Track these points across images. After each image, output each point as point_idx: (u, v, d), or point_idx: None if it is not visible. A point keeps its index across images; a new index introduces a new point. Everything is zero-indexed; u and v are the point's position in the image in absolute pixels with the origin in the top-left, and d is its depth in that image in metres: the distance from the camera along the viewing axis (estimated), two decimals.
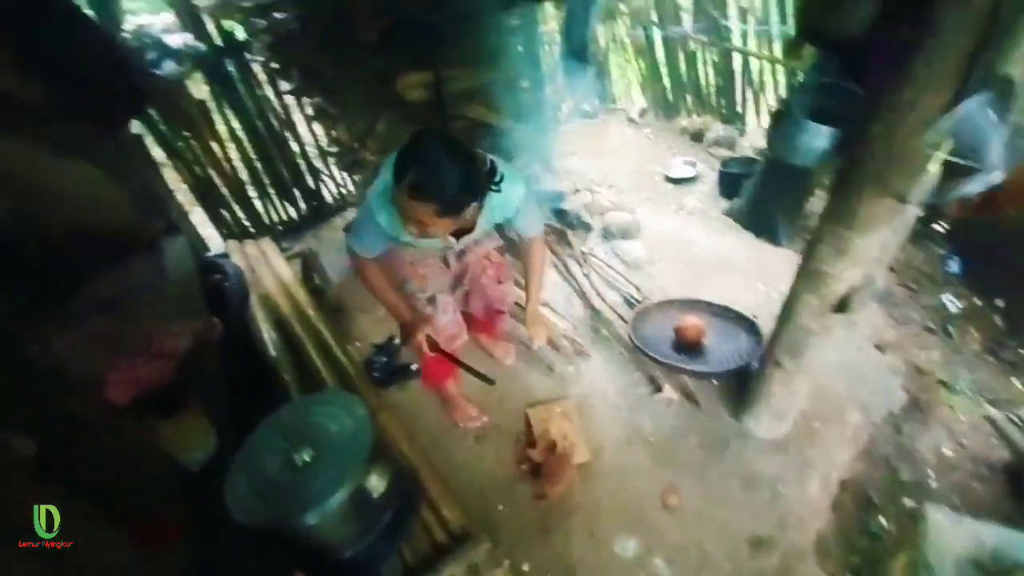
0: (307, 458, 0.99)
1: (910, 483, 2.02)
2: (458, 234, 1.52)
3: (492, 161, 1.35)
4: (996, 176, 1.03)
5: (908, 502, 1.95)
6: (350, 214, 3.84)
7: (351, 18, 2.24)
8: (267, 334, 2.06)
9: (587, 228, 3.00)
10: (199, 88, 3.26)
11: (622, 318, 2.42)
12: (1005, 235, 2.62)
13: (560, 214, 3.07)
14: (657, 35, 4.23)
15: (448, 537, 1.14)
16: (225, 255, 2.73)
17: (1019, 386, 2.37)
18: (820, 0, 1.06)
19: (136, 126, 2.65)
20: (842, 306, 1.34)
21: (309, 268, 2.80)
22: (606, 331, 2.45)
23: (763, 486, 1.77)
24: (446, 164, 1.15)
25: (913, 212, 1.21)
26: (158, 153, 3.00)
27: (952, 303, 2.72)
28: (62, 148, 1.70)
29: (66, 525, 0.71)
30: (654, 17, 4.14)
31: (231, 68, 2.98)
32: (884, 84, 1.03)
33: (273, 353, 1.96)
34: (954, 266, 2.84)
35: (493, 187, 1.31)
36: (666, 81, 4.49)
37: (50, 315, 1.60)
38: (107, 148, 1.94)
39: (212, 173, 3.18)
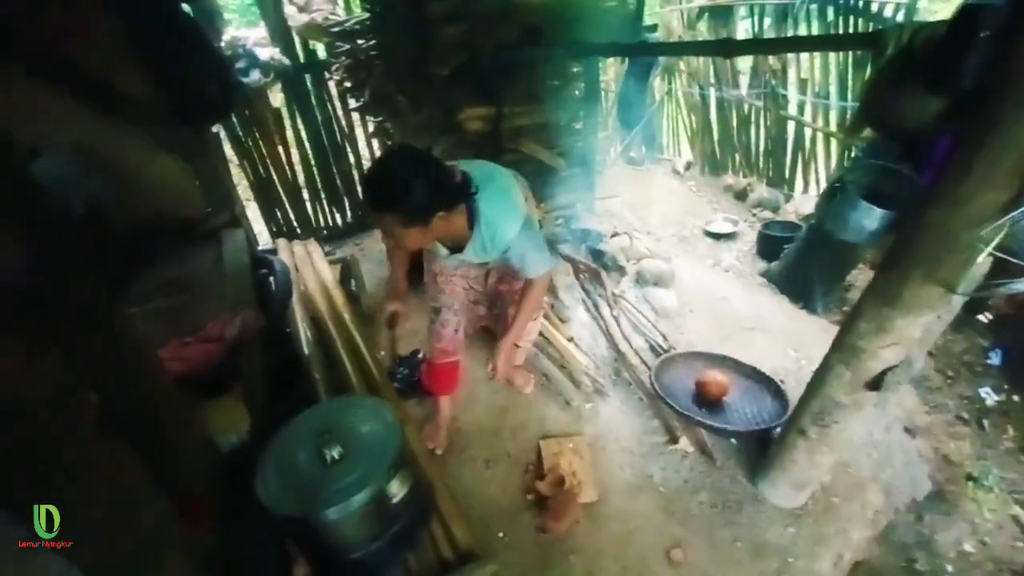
0: (336, 455, 1.05)
1: (926, 574, 1.93)
2: (452, 249, 1.61)
3: (464, 174, 1.40)
4: None
5: None
6: None
7: (428, 53, 2.42)
8: (303, 332, 2.15)
9: (621, 271, 3.04)
10: (276, 97, 3.53)
11: (645, 364, 2.42)
12: None
13: (596, 254, 3.13)
14: (712, 94, 4.34)
15: (454, 554, 1.17)
16: (274, 251, 2.89)
17: None
18: (886, 93, 1.11)
19: (213, 127, 2.88)
20: (876, 384, 1.33)
21: (348, 274, 2.93)
22: (628, 375, 2.45)
23: (772, 555, 1.72)
24: (400, 175, 1.22)
25: (959, 301, 1.22)
26: (228, 151, 3.23)
27: (989, 396, 2.63)
28: (160, 144, 1.89)
29: (122, 482, 0.77)
30: (712, 78, 4.26)
31: (308, 83, 3.22)
32: (943, 175, 1.06)
33: (307, 350, 2.05)
34: (996, 358, 2.74)
35: (468, 198, 1.39)
36: (715, 138, 4.57)
37: (125, 289, 1.74)
38: (193, 146, 2.13)
39: (273, 174, 3.40)
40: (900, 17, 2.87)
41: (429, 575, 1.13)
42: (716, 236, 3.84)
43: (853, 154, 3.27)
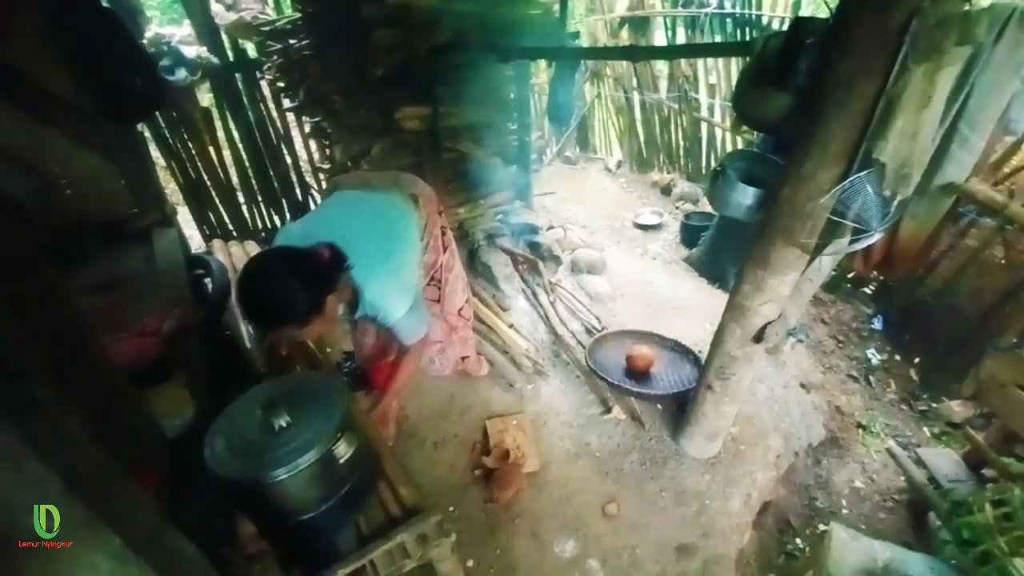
0: (284, 423, 1.12)
1: (825, 510, 2.24)
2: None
3: (331, 248, 1.34)
4: (876, 236, 1.31)
5: (822, 526, 2.16)
6: None
7: (364, 54, 2.49)
8: (244, 328, 2.16)
9: (557, 261, 3.24)
10: (204, 96, 3.44)
11: (581, 344, 2.62)
12: (920, 303, 2.99)
13: (533, 246, 3.31)
14: (636, 98, 4.68)
15: (401, 510, 1.27)
16: (209, 253, 2.84)
17: (927, 432, 2.66)
18: (748, 92, 1.35)
19: (138, 124, 2.79)
20: (759, 337, 1.57)
21: None
22: (565, 355, 2.64)
23: (692, 500, 1.94)
24: (276, 289, 1.23)
25: (827, 262, 1.47)
26: (155, 152, 3.13)
27: (874, 356, 3.05)
28: (84, 141, 1.85)
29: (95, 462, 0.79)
30: (634, 82, 4.60)
31: (239, 82, 3.18)
32: (791, 158, 1.31)
33: (248, 345, 2.06)
34: (878, 324, 3.18)
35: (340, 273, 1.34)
36: (641, 138, 4.92)
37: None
38: (118, 143, 2.09)
39: (204, 176, 3.32)
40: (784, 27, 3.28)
41: (379, 532, 1.22)
42: (644, 227, 4.15)
43: (753, 148, 3.67)
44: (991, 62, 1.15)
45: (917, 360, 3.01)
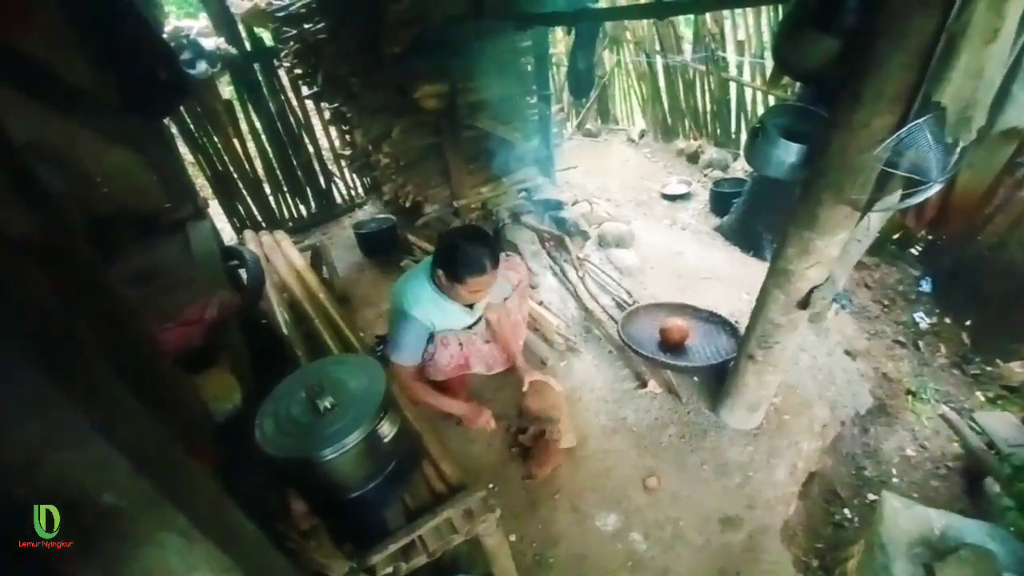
0: (328, 404, 1.13)
1: (874, 479, 2.17)
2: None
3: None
4: (935, 187, 1.21)
5: (871, 496, 2.10)
6: (358, 214, 4.02)
7: (379, 31, 2.45)
8: (280, 315, 2.20)
9: (584, 236, 3.18)
10: (225, 88, 3.48)
11: (613, 319, 2.57)
12: (972, 261, 2.82)
13: (559, 222, 3.25)
14: (659, 62, 4.49)
15: (446, 487, 1.28)
16: (241, 244, 2.89)
17: (981, 397, 2.53)
18: (789, 39, 1.25)
19: (165, 118, 2.84)
20: (805, 302, 1.50)
21: (319, 260, 2.96)
22: (597, 331, 2.60)
23: (735, 472, 1.91)
24: (473, 242, 1.58)
25: (875, 221, 1.39)
26: (182, 147, 3.18)
27: (923, 320, 2.91)
28: (113, 135, 1.89)
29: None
30: (657, 46, 4.40)
31: (258, 72, 3.19)
32: (838, 106, 1.22)
33: (285, 331, 2.11)
34: (926, 286, 3.02)
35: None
36: (665, 105, 4.74)
37: None
38: (147, 137, 2.12)
39: (231, 168, 3.37)
40: None
41: (425, 508, 1.24)
42: (672, 198, 4.03)
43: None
44: None
45: (968, 322, 2.86)
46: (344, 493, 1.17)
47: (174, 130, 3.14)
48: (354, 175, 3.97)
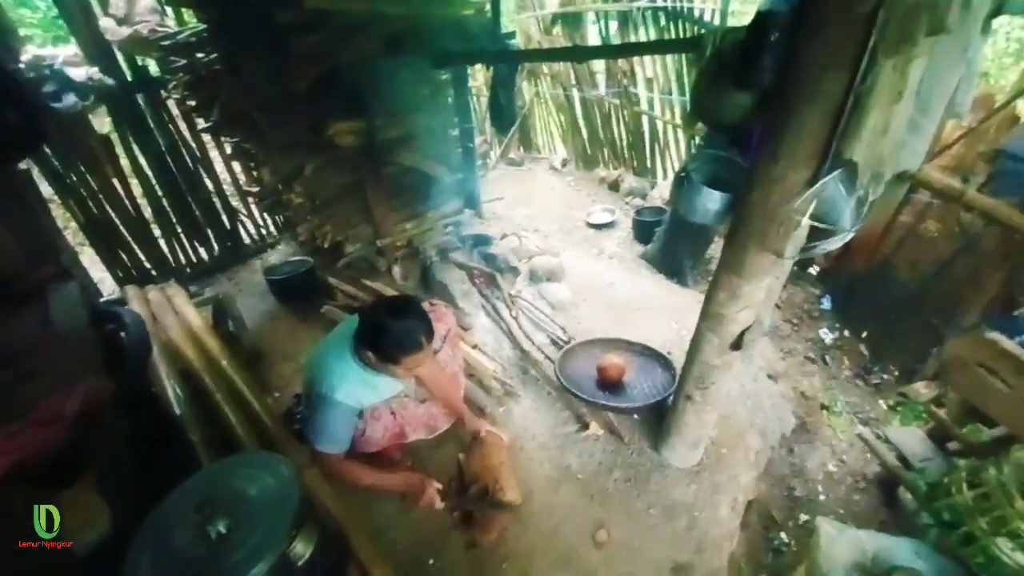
0: (222, 528, 0.92)
1: (803, 499, 2.26)
2: None
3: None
4: (848, 236, 1.27)
5: (803, 516, 2.18)
6: (271, 256, 3.68)
7: (283, 64, 2.25)
8: (171, 389, 1.88)
9: (515, 272, 3.12)
10: (102, 122, 3.05)
11: (549, 358, 2.51)
12: (863, 278, 3.13)
13: (489, 258, 3.17)
14: (576, 95, 4.63)
15: None
16: (122, 301, 2.49)
17: (883, 405, 2.77)
18: (706, 92, 1.27)
19: (24, 161, 2.41)
20: (738, 344, 1.52)
21: (223, 314, 2.63)
22: (534, 371, 2.52)
23: (681, 513, 1.88)
24: (402, 318, 1.43)
25: (789, 263, 1.44)
26: (46, 189, 2.72)
27: (827, 335, 3.15)
28: None
29: None
30: (573, 80, 4.55)
31: (141, 103, 2.83)
32: (758, 160, 1.24)
33: (178, 410, 1.80)
34: (827, 303, 3.30)
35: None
36: (584, 135, 4.89)
37: None
38: None
39: (110, 211, 2.94)
40: (716, 20, 3.32)
41: None
42: (597, 226, 4.12)
43: (697, 143, 3.71)
44: (940, 45, 1.12)
45: (865, 335, 3.14)
46: None
47: (36, 172, 2.68)
48: (264, 213, 3.64)
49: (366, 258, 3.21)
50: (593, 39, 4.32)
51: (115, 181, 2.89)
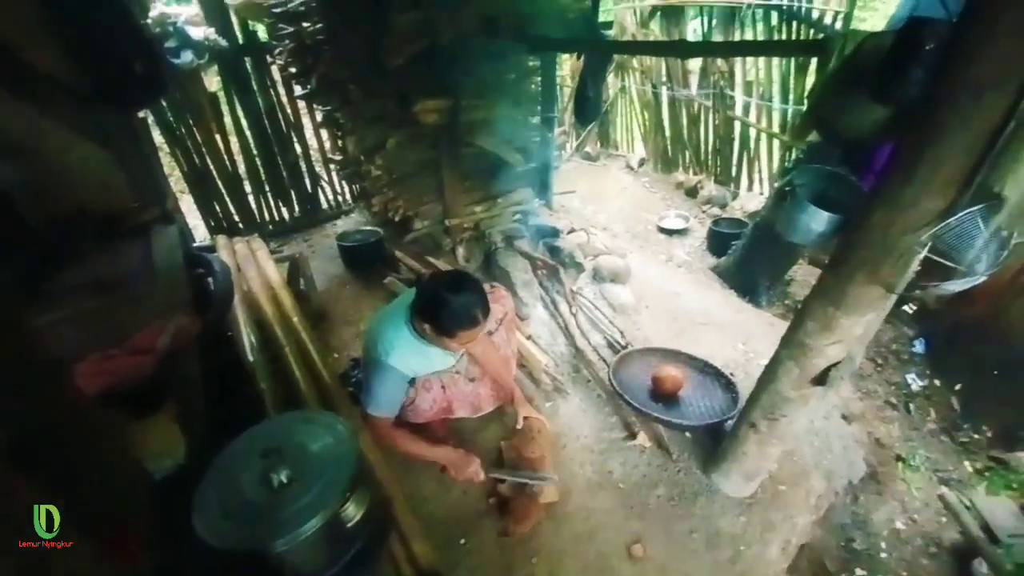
0: (284, 478, 0.97)
1: (863, 552, 2.07)
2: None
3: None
4: (978, 279, 1.11)
5: (859, 571, 2.00)
6: (343, 223, 3.83)
7: (382, 40, 2.30)
8: (247, 337, 2.01)
9: (579, 268, 3.06)
10: (212, 80, 3.27)
11: (604, 360, 2.45)
12: (967, 325, 2.79)
13: (554, 250, 3.13)
14: (664, 93, 4.43)
15: (415, 573, 1.12)
16: (212, 248, 2.68)
17: (969, 468, 2.47)
18: (835, 100, 1.15)
19: (139, 112, 2.64)
20: (821, 379, 1.40)
21: (297, 272, 2.77)
22: (587, 371, 2.47)
23: (726, 544, 1.78)
24: (460, 292, 1.43)
25: (893, 299, 1.29)
26: (157, 138, 2.97)
27: (915, 381, 2.85)
28: (81, 128, 1.69)
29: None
30: (663, 76, 4.35)
31: (248, 66, 3.00)
32: (886, 181, 1.11)
33: (251, 357, 1.92)
34: (919, 347, 2.98)
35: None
36: (667, 136, 4.68)
37: (40, 291, 1.55)
38: (119, 132, 1.93)
39: (211, 164, 3.16)
40: (839, 24, 3.03)
41: None
42: (669, 232, 3.95)
43: (794, 155, 3.44)
44: None
45: (959, 387, 2.81)
46: None
47: (151, 120, 2.94)
48: (343, 181, 3.78)
49: (432, 236, 3.26)
50: (691, 36, 4.10)
51: (217, 136, 3.10)
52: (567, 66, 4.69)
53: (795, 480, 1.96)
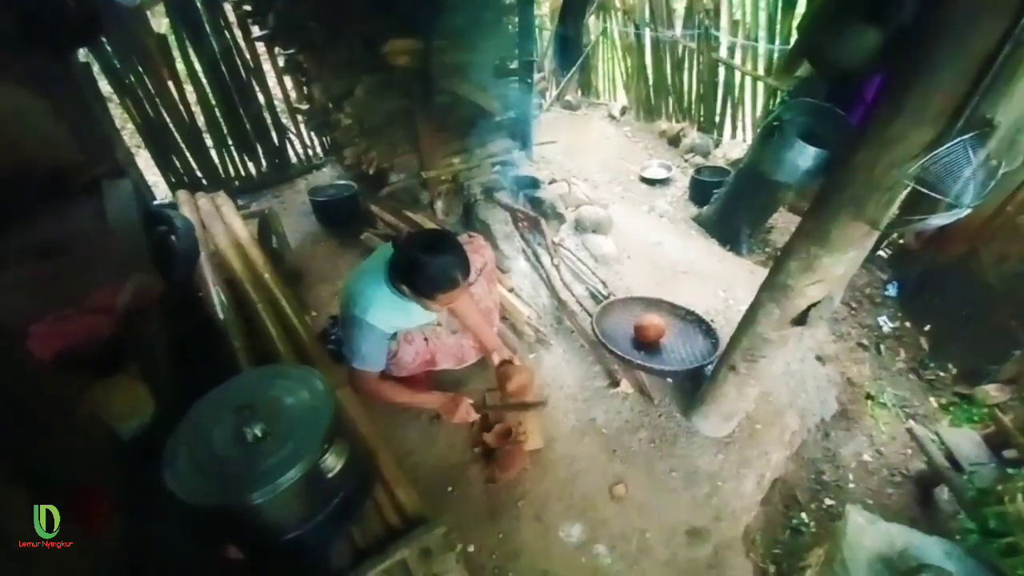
0: (259, 433, 0.94)
1: (832, 484, 2.18)
2: None
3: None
4: (963, 212, 1.10)
5: (828, 501, 2.11)
6: (316, 177, 3.67)
7: None
8: (216, 295, 1.93)
9: (560, 219, 3.00)
10: (160, 22, 3.00)
11: (586, 311, 2.44)
12: (939, 269, 2.85)
13: (535, 202, 3.05)
14: (647, 35, 4.24)
15: (402, 520, 1.12)
16: (174, 206, 2.54)
17: (935, 403, 2.60)
18: (825, 25, 1.08)
19: (84, 55, 2.41)
20: (801, 319, 1.40)
21: (267, 229, 2.66)
22: (569, 323, 2.47)
23: (704, 481, 1.85)
24: (439, 254, 1.38)
25: (874, 236, 1.28)
26: (105, 87, 2.74)
27: (886, 323, 2.94)
28: (12, 74, 1.52)
29: None
30: (647, 16, 4.14)
31: (199, 4, 2.74)
32: (873, 115, 1.07)
33: (222, 316, 1.85)
34: (892, 290, 3.05)
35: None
36: (650, 82, 4.52)
37: None
38: (52, 77, 1.75)
39: (165, 115, 2.94)
40: None
41: (377, 544, 1.08)
42: (651, 182, 3.89)
43: (779, 98, 3.35)
44: None
45: (928, 328, 2.91)
46: (276, 536, 0.99)
47: (96, 69, 2.69)
48: (312, 133, 3.59)
49: (409, 189, 3.14)
50: None
51: (170, 84, 2.87)
52: (546, 5, 4.43)
53: (771, 419, 2.03)
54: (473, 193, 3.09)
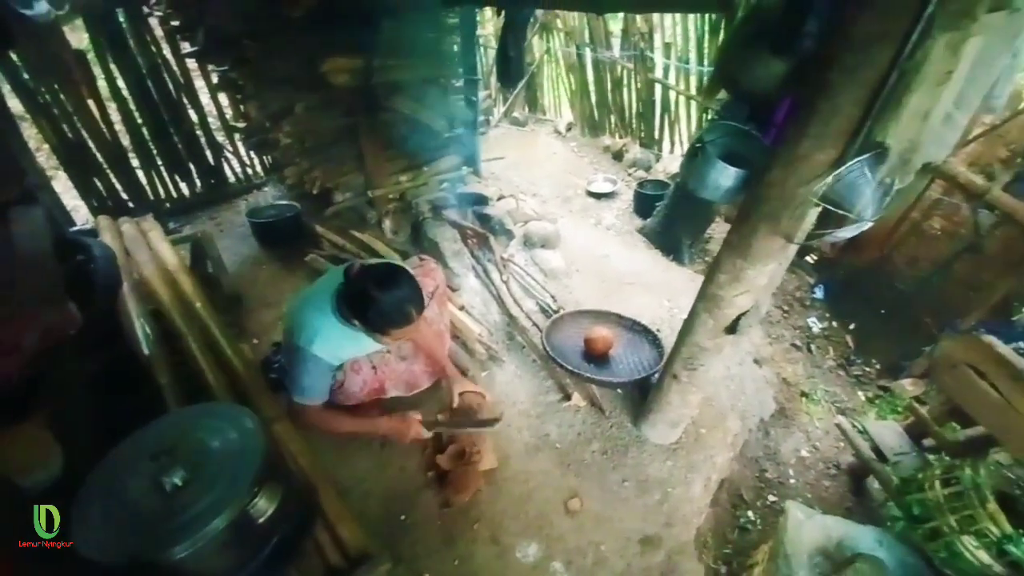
0: (178, 481, 0.87)
1: (774, 481, 2.29)
2: None
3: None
4: (866, 225, 1.20)
5: (772, 497, 2.21)
6: (255, 197, 3.53)
7: None
8: (140, 328, 1.80)
9: (509, 235, 3.03)
10: (79, 36, 2.82)
11: (537, 326, 2.46)
12: (860, 270, 3.10)
13: (483, 218, 3.07)
14: (588, 55, 4.40)
15: (343, 559, 1.08)
16: (94, 232, 2.36)
17: (862, 397, 2.79)
18: (737, 55, 1.16)
19: None
20: (732, 328, 1.48)
21: (201, 254, 2.52)
22: (520, 338, 2.48)
23: (655, 488, 1.90)
24: (391, 289, 1.34)
25: (794, 249, 1.37)
26: (16, 106, 2.53)
27: (815, 324, 3.14)
28: None
29: None
30: (587, 37, 4.30)
31: (121, 19, 2.60)
32: (783, 137, 1.16)
33: (147, 350, 1.72)
34: (819, 293, 3.28)
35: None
36: (593, 100, 4.68)
37: None
38: None
39: (85, 135, 2.75)
40: None
41: None
42: (597, 196, 4.01)
43: (710, 117, 3.56)
44: (990, 29, 1.03)
45: (852, 326, 3.14)
46: None
47: (6, 88, 2.48)
48: (250, 151, 3.46)
49: (356, 208, 3.09)
50: None
51: (90, 102, 2.69)
52: (490, 26, 4.51)
53: (714, 423, 2.11)
54: (421, 211, 3.07)
